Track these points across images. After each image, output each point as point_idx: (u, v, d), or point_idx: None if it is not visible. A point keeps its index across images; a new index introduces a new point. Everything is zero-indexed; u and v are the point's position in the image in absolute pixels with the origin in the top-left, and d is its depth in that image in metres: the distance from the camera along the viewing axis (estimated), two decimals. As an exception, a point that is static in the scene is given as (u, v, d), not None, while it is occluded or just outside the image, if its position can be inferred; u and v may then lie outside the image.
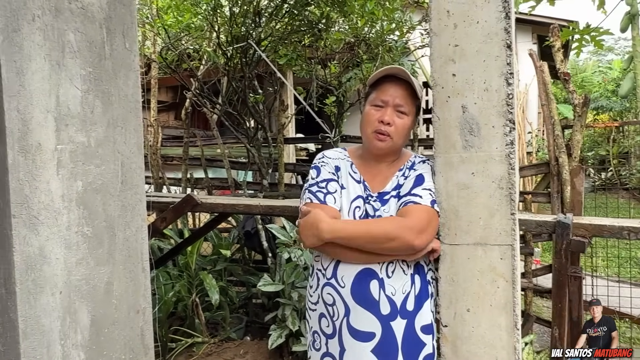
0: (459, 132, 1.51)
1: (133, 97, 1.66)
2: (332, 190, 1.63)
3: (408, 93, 1.62)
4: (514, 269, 1.46)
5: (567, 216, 1.92)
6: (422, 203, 1.53)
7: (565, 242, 1.89)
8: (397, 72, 1.63)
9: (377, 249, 1.51)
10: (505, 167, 1.45)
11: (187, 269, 3.67)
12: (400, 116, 1.61)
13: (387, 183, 1.66)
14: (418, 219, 1.50)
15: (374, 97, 1.65)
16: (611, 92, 12.94)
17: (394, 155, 1.70)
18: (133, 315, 1.65)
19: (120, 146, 1.60)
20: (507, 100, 1.44)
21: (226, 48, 4.07)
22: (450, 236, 1.54)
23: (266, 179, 4.49)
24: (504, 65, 1.44)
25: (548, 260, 6.77)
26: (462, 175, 1.51)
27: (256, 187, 5.17)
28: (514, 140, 1.45)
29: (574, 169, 2.92)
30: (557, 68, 3.46)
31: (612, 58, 20.95)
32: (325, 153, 1.76)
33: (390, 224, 1.51)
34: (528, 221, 2.01)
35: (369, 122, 1.64)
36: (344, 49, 4.45)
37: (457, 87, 1.50)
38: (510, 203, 1.46)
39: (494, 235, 1.48)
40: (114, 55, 1.59)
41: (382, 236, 1.49)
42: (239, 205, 2.70)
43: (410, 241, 1.48)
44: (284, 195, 4.69)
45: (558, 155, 3.40)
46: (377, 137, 1.61)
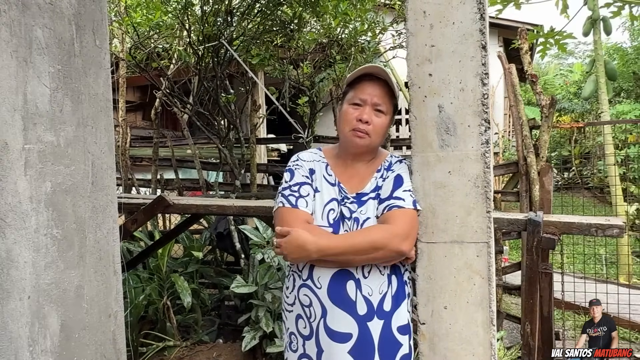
0: (435, 131, 1.52)
1: (104, 95, 1.62)
2: (305, 194, 1.61)
3: (386, 92, 1.63)
4: (489, 266, 1.48)
5: (537, 214, 1.97)
6: (405, 207, 1.53)
7: (537, 240, 1.93)
8: (375, 71, 1.63)
9: (365, 260, 1.51)
10: (481, 165, 1.47)
11: (158, 272, 3.60)
12: (378, 115, 1.62)
13: (365, 184, 1.65)
14: (403, 224, 1.51)
15: (352, 96, 1.65)
16: (573, 94, 13.37)
17: (371, 154, 1.70)
18: (105, 319, 1.60)
19: (91, 146, 1.55)
20: (482, 100, 1.46)
21: (197, 47, 4.02)
22: (427, 234, 1.55)
23: (238, 180, 4.45)
24: (479, 65, 1.45)
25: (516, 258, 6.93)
26: (438, 174, 1.53)
27: (228, 188, 5.12)
28: (489, 139, 1.47)
29: (543, 168, 3.00)
30: (525, 70, 3.55)
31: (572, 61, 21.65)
32: (300, 155, 1.74)
33: (377, 233, 1.50)
34: (500, 219, 2.05)
35: (347, 121, 1.63)
36: (317, 50, 4.45)
37: (434, 86, 1.51)
38: (486, 201, 1.48)
39: (470, 233, 1.50)
40: (83, 52, 1.54)
41: (370, 247, 1.48)
42: (212, 206, 2.66)
43: (397, 248, 1.49)
44: (256, 196, 4.66)
45: (526, 155, 3.49)
46: (356, 134, 1.60)
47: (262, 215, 2.65)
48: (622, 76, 12.16)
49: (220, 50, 4.10)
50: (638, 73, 11.94)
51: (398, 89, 1.69)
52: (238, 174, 4.49)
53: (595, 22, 6.36)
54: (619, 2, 4.54)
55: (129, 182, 4.99)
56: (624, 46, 12.90)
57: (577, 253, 6.12)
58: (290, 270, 1.68)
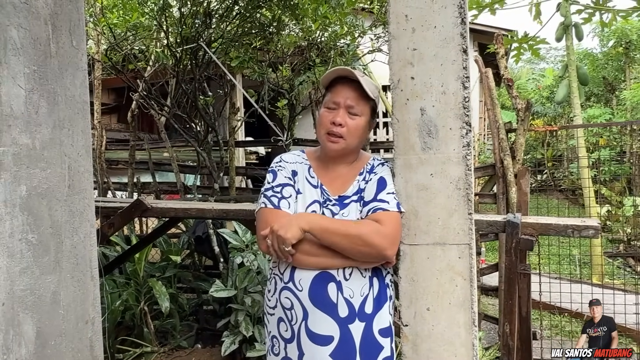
0: (417, 134, 1.53)
1: (80, 97, 1.58)
2: (287, 195, 1.62)
3: (360, 94, 1.63)
4: (471, 267, 1.50)
5: (516, 216, 2.00)
6: (390, 209, 1.54)
7: (515, 241, 1.96)
8: (347, 73, 1.65)
9: (348, 250, 1.51)
10: (463, 168, 1.49)
11: (135, 277, 3.54)
12: (352, 117, 1.62)
13: (348, 187, 1.66)
14: (392, 228, 1.52)
15: (327, 100, 1.67)
16: (546, 98, 13.68)
17: (351, 156, 1.71)
18: (82, 325, 1.56)
19: (67, 148, 1.52)
20: (463, 103, 1.48)
21: (175, 49, 3.97)
22: (410, 236, 1.56)
23: (217, 183, 4.41)
24: (460, 69, 1.47)
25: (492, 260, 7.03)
26: (421, 177, 1.54)
27: (206, 191, 5.07)
28: (470, 142, 1.49)
29: (520, 171, 3.05)
30: (501, 74, 3.61)
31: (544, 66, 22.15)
32: (282, 157, 1.75)
33: (368, 227, 1.51)
34: (479, 221, 2.07)
35: (321, 124, 1.66)
36: (296, 53, 4.45)
37: (416, 90, 1.53)
38: (468, 203, 1.49)
39: (452, 235, 1.51)
40: (60, 53, 1.50)
41: (358, 238, 1.49)
42: (191, 209, 2.62)
43: (384, 250, 1.49)
44: (235, 199, 4.63)
45: (503, 157, 3.54)
46: (329, 138, 1.62)
47: (241, 218, 2.62)
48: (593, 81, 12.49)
49: (198, 53, 4.06)
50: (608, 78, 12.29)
51: (376, 91, 1.70)
52: (217, 177, 4.45)
53: (568, 28, 6.52)
54: (589, 9, 4.66)
55: (105, 185, 4.89)
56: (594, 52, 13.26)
57: (551, 254, 6.25)
58: (272, 273, 1.67)
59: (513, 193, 3.39)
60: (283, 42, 4.06)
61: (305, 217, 1.53)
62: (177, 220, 3.61)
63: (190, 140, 4.45)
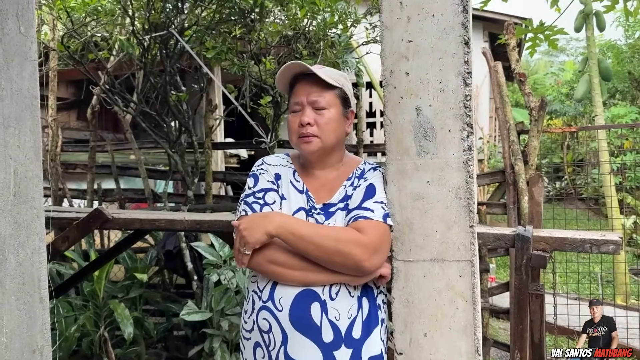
0: (412, 136, 1.54)
1: (29, 91, 1.58)
2: (270, 202, 1.64)
3: (321, 86, 1.67)
4: (473, 287, 1.50)
5: (527, 229, 2.01)
6: (373, 218, 1.56)
7: (526, 257, 1.97)
8: (298, 68, 1.68)
9: (322, 259, 1.52)
10: (463, 175, 1.50)
11: (94, 298, 3.52)
12: (319, 113, 1.66)
13: (334, 194, 1.68)
14: (372, 237, 1.52)
15: (291, 103, 1.72)
16: (565, 95, 13.80)
17: (334, 157, 1.74)
18: (28, 355, 1.55)
19: (13, 151, 1.51)
20: (464, 102, 1.49)
21: (143, 37, 3.96)
22: (404, 252, 1.56)
23: (191, 190, 4.40)
24: (461, 63, 1.49)
25: (503, 278, 7.06)
26: (416, 184, 1.55)
27: (179, 200, 5.05)
28: (472, 145, 1.50)
29: (532, 177, 3.08)
30: (512, 68, 3.64)
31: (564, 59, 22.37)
32: (265, 159, 1.78)
33: (344, 234, 1.53)
34: (485, 234, 2.08)
35: (291, 131, 1.70)
36: (281, 43, 4.45)
37: (411, 87, 1.54)
38: (469, 214, 1.50)
39: (452, 250, 1.52)
40: (5, 41, 1.50)
41: (332, 245, 1.50)
42: (160, 220, 2.61)
43: (360, 261, 1.50)
44: (212, 209, 4.62)
45: (514, 162, 3.57)
46: (303, 140, 1.66)
47: (218, 230, 2.62)
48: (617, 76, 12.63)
49: (169, 41, 4.05)
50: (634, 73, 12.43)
51: (342, 77, 1.73)
52: (191, 184, 4.44)
53: (588, 17, 6.59)
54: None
55: (60, 192, 4.86)
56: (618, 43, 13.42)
57: (570, 271, 6.28)
58: (250, 291, 1.67)
59: (525, 202, 3.42)
60: (266, 31, 4.07)
61: (275, 220, 1.54)
62: (143, 233, 3.59)
63: (161, 141, 4.44)
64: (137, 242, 3.80)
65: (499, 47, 7.10)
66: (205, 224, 2.55)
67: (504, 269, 7.73)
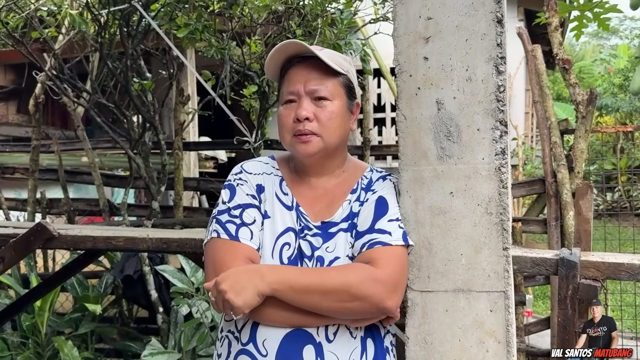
0: (432, 136, 1.53)
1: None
2: (249, 221, 1.61)
3: (323, 71, 1.64)
4: (507, 325, 1.49)
5: (573, 251, 2.00)
6: (392, 243, 1.54)
7: (572, 287, 1.96)
8: (295, 49, 1.65)
9: (334, 311, 1.49)
10: (495, 184, 1.49)
11: (35, 334, 3.52)
12: (320, 104, 1.63)
13: (335, 209, 1.66)
14: (392, 269, 1.51)
15: (282, 93, 1.69)
16: (618, 86, 13.85)
17: (336, 161, 1.71)
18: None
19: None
20: (496, 94, 1.49)
21: (99, 12, 3.96)
22: (421, 280, 1.56)
23: (157, 201, 4.38)
24: (493, 46, 1.48)
25: (543, 312, 7.06)
26: (437, 196, 1.54)
27: (141, 212, 5.03)
28: (506, 147, 1.50)
29: (579, 188, 3.05)
30: (554, 53, 3.65)
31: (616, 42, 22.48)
32: (244, 166, 1.74)
33: (355, 274, 1.49)
34: (521, 258, 2.07)
35: (283, 127, 1.66)
36: (269, 21, 4.45)
37: (431, 75, 1.53)
38: (502, 234, 1.50)
39: (481, 279, 1.51)
40: None
41: (343, 292, 1.47)
42: (117, 238, 2.60)
43: (380, 301, 1.48)
44: (182, 224, 4.60)
45: (556, 169, 3.57)
46: (299, 139, 1.62)
47: (189, 251, 2.60)
48: (683, 64, 12.65)
49: (131, 17, 4.04)
50: (702, 60, 12.46)
51: (346, 63, 1.71)
52: (156, 193, 4.43)
53: (647, -8, 6.62)
54: (676, -35, 4.74)
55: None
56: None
57: (625, 305, 6.28)
58: (224, 332, 1.65)
59: (570, 219, 3.41)
60: (252, 5, 4.07)
61: (268, 276, 1.48)
62: (97, 254, 3.57)
63: (119, 140, 4.43)
64: (90, 264, 3.78)
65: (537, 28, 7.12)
66: (174, 243, 2.54)
67: (544, 300, 7.71)
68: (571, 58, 4.22)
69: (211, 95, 3.81)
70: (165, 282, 3.80)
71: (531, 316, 5.74)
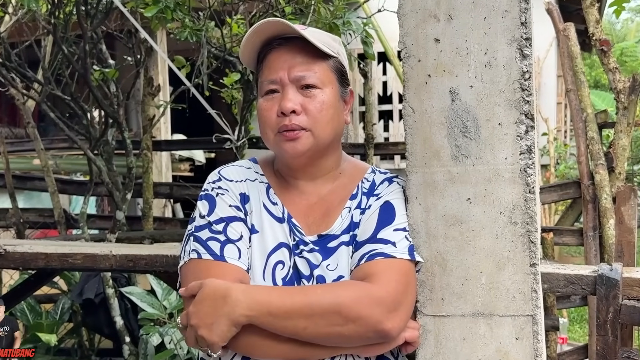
0: (445, 132, 1.53)
1: None
2: (235, 237, 1.60)
3: (310, 54, 1.62)
4: (537, 355, 1.49)
5: (614, 267, 2.00)
6: (396, 255, 1.53)
7: (613, 309, 1.96)
8: (274, 30, 1.62)
9: (324, 337, 1.48)
10: (520, 188, 1.49)
11: (-21, 369, 3.49)
12: (308, 93, 1.60)
13: (333, 220, 1.65)
14: (393, 286, 1.49)
15: (262, 82, 1.65)
16: (666, 72, 13.87)
17: (329, 160, 1.70)
18: None
19: None
20: (521, 81, 1.48)
21: (52, -13, 3.97)
22: (434, 302, 1.55)
23: (122, 210, 4.38)
24: (516, 25, 1.48)
25: (580, 338, 7.06)
26: (451, 203, 1.54)
27: (104, 224, 5.02)
28: (533, 145, 1.49)
29: (621, 192, 3.07)
30: (590, 33, 3.65)
31: (664, 21, 22.54)
32: (222, 172, 1.72)
33: (347, 292, 1.48)
34: (552, 276, 2.07)
35: (266, 122, 1.63)
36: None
37: (443, 60, 1.53)
38: (529, 247, 1.49)
39: (505, 300, 1.51)
40: None
41: (333, 313, 1.45)
42: (74, 255, 2.59)
43: (378, 323, 1.45)
44: (152, 237, 4.58)
45: (594, 170, 3.57)
46: (285, 136, 1.59)
47: (160, 270, 2.60)
48: None
49: (91, -6, 4.05)
50: None
51: (336, 43, 1.69)
52: (121, 201, 4.42)
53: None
54: None
55: None
56: None
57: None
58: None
59: (610, 228, 3.41)
60: (233, -22, 4.08)
61: (242, 299, 1.45)
62: (51, 274, 3.56)
63: (77, 138, 4.42)
64: (43, 287, 3.77)
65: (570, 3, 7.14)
66: (142, 260, 2.54)
67: (581, 325, 7.71)
68: (611, 38, 4.23)
69: (185, 85, 3.80)
70: (132, 306, 3.79)
71: (566, 343, 5.74)
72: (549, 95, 11.34)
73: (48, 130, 8.15)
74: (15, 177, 5.15)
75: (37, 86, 4.50)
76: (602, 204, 3.53)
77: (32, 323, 3.93)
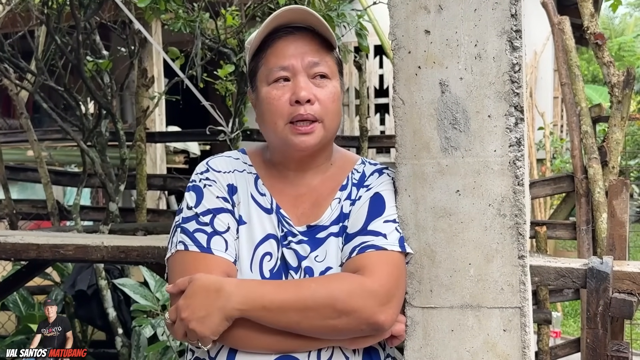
0: (435, 124, 1.53)
1: None
2: (222, 229, 1.59)
3: (320, 45, 1.63)
4: (524, 347, 1.49)
5: (604, 260, 2.00)
6: (387, 247, 1.53)
7: (603, 302, 1.96)
8: (291, 17, 1.60)
9: (318, 329, 1.48)
10: (509, 181, 1.49)
11: (-29, 361, 3.50)
12: (321, 83, 1.60)
13: (323, 210, 1.65)
14: (385, 278, 1.49)
15: (268, 70, 1.62)
16: (663, 66, 13.89)
17: (324, 154, 1.70)
18: None
19: None
20: (511, 73, 1.48)
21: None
22: (422, 294, 1.55)
23: (115, 202, 4.38)
24: (506, 17, 1.48)
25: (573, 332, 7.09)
26: (440, 195, 1.54)
27: (97, 216, 5.02)
28: (523, 138, 1.49)
29: (614, 186, 3.07)
30: (585, 27, 3.65)
31: (661, 15, 22.54)
32: (211, 163, 1.72)
33: (341, 285, 1.48)
34: (543, 269, 2.07)
35: (275, 111, 1.60)
36: (249, -13, 4.46)
37: (433, 51, 1.53)
38: (518, 239, 1.49)
39: (493, 293, 1.51)
40: None
41: (327, 306, 1.45)
42: (67, 246, 2.59)
43: (372, 315, 1.46)
44: (145, 229, 4.59)
45: (587, 164, 3.58)
46: (298, 130, 1.58)
47: (153, 261, 2.60)
48: None
49: (84, -16, 4.04)
50: None
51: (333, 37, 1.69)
52: (114, 192, 4.42)
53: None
54: None
55: None
56: None
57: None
58: (193, 358, 1.64)
59: (603, 222, 3.42)
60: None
61: (235, 293, 1.46)
62: (43, 265, 3.56)
63: (71, 130, 4.42)
64: (35, 278, 3.77)
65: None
66: (134, 252, 2.54)
67: (575, 319, 7.74)
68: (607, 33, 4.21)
69: (180, 76, 3.80)
70: (125, 298, 3.79)
71: (559, 337, 5.76)
72: (546, 89, 11.34)
73: (42, 121, 8.12)
74: (9, 168, 5.16)
75: (31, 77, 4.49)
76: (595, 198, 3.54)
77: (24, 314, 3.93)
